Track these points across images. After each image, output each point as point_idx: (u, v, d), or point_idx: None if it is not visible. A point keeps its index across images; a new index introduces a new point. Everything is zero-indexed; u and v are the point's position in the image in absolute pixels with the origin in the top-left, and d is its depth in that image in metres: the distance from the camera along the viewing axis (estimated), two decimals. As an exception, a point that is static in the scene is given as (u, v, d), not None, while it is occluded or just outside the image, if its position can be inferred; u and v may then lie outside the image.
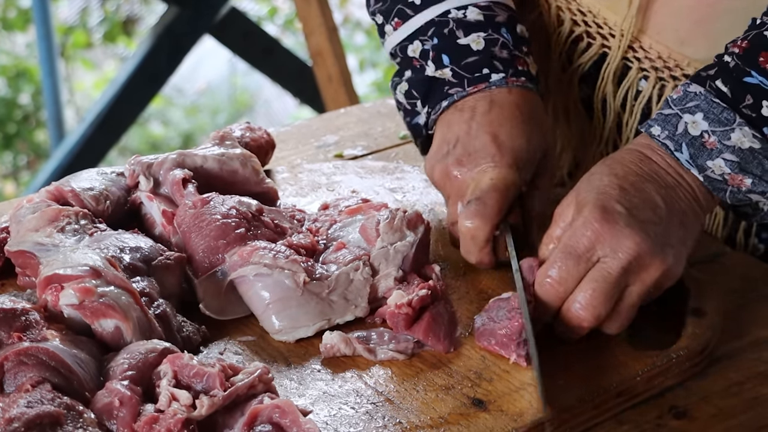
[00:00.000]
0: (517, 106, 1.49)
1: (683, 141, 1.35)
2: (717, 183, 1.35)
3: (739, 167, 1.33)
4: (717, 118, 1.34)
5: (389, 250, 1.43)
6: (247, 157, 1.58)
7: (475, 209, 1.42)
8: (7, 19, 6.04)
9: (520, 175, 1.46)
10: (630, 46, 1.58)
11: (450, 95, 1.51)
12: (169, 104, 6.30)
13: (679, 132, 1.35)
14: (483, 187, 1.43)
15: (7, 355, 1.18)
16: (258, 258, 1.38)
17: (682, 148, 1.35)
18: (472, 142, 1.47)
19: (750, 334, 1.41)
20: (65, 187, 1.48)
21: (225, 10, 4.60)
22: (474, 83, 1.51)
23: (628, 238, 1.29)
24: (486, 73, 1.51)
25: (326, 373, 1.31)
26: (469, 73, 1.51)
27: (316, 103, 4.58)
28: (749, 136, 1.33)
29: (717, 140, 1.33)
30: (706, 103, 1.34)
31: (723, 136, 1.33)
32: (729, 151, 1.33)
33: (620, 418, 1.27)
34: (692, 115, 1.35)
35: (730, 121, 1.33)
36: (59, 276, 1.29)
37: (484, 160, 1.45)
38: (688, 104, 1.36)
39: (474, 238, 1.43)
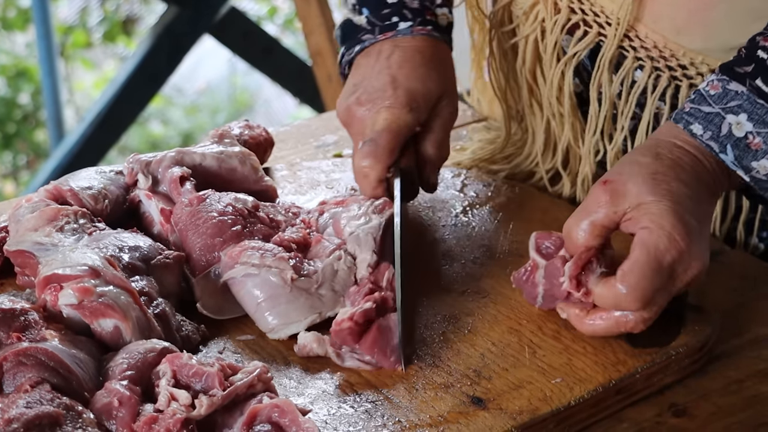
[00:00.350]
0: (418, 50, 1.57)
1: (728, 143, 1.35)
2: (763, 183, 1.36)
3: None
4: (761, 119, 1.34)
5: (359, 234, 1.43)
6: (245, 155, 1.58)
7: (368, 149, 1.49)
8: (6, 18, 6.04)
9: (414, 115, 1.52)
10: (626, 35, 1.58)
11: (362, 41, 1.60)
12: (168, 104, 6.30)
13: (723, 134, 1.35)
14: (377, 128, 1.50)
15: (6, 356, 1.18)
16: (246, 258, 1.38)
17: (726, 150, 1.35)
18: (372, 83, 1.54)
19: (749, 332, 1.41)
20: (64, 186, 1.48)
21: (225, 10, 4.60)
22: (383, 31, 1.59)
23: (699, 259, 1.30)
24: (395, 21, 1.59)
25: (325, 372, 1.31)
26: (380, 22, 1.59)
27: (315, 103, 4.57)
28: None
29: (762, 141, 1.34)
30: (749, 103, 1.34)
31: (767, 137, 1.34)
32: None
33: (619, 416, 1.27)
34: (736, 116, 1.35)
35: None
36: (58, 276, 1.29)
37: (380, 101, 1.52)
38: (730, 103, 1.35)
39: (366, 176, 1.50)
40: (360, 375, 1.30)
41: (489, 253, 1.53)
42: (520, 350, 1.33)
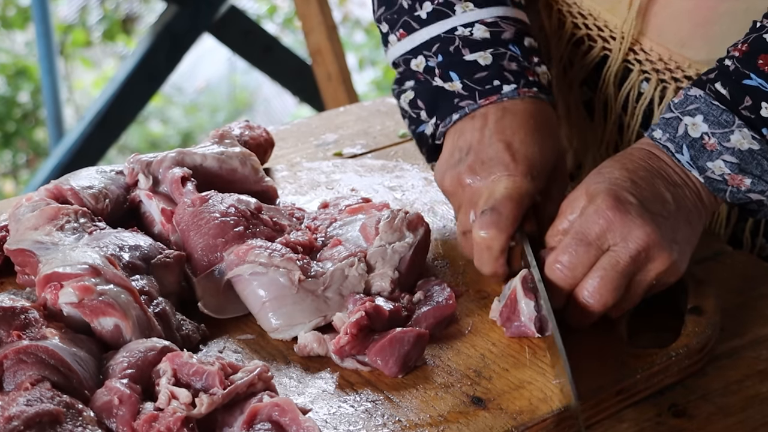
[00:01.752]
0: (530, 114, 1.47)
1: (684, 143, 1.36)
2: (717, 183, 1.36)
3: (738, 168, 1.34)
4: (717, 120, 1.34)
5: (387, 249, 1.43)
6: (246, 156, 1.58)
7: (490, 219, 1.39)
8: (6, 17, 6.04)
9: (535, 184, 1.43)
10: (631, 49, 1.58)
11: (461, 108, 1.49)
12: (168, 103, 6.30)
13: (680, 134, 1.36)
14: (497, 196, 1.40)
15: (6, 354, 1.18)
16: (253, 257, 1.38)
17: (682, 150, 1.36)
18: (485, 150, 1.45)
19: (749, 332, 1.41)
20: (64, 185, 1.48)
21: (224, 9, 4.60)
22: (485, 95, 1.48)
23: (639, 227, 1.30)
24: (497, 84, 1.48)
25: (325, 371, 1.31)
26: (479, 86, 1.49)
27: (315, 102, 4.57)
28: (748, 137, 1.33)
29: (717, 142, 1.34)
30: (705, 105, 1.35)
31: (722, 137, 1.34)
32: (729, 153, 1.34)
33: (620, 417, 1.27)
34: (692, 118, 1.36)
35: (729, 123, 1.34)
36: (58, 274, 1.29)
37: (497, 169, 1.43)
38: (689, 107, 1.36)
39: (489, 248, 1.40)
40: (360, 375, 1.30)
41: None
42: (520, 350, 1.33)
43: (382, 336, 1.30)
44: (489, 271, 1.42)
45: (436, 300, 1.38)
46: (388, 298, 1.37)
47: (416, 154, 1.85)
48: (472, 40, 1.50)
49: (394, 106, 2.01)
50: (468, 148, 1.46)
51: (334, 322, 1.34)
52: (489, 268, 1.42)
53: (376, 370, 1.30)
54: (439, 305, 1.37)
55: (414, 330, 1.31)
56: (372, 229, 1.45)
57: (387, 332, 1.31)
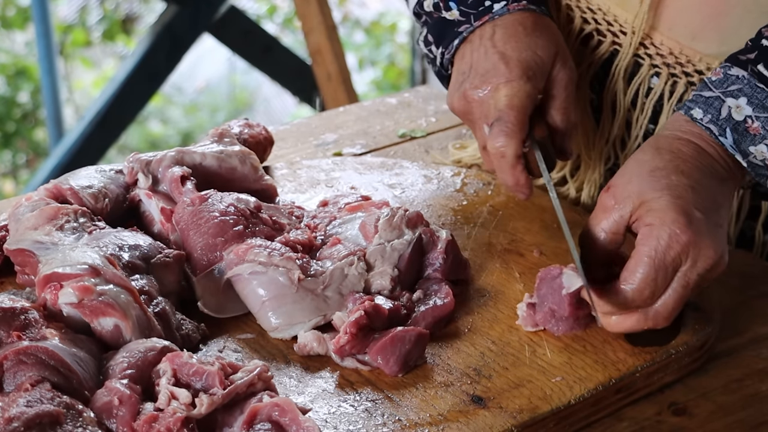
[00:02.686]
0: (519, 22, 1.53)
1: (727, 126, 1.35)
2: (759, 169, 1.35)
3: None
4: (761, 103, 1.34)
5: (386, 247, 1.43)
6: (245, 154, 1.58)
7: (498, 129, 1.45)
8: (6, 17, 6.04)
9: (532, 84, 1.48)
10: (641, 43, 1.58)
11: (460, 33, 1.56)
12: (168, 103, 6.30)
13: (723, 117, 1.35)
14: (500, 106, 1.46)
15: (6, 354, 1.18)
16: (253, 256, 1.38)
17: (726, 133, 1.35)
18: (482, 64, 1.50)
19: (749, 331, 1.41)
20: (64, 185, 1.48)
21: (224, 9, 4.60)
22: (479, 17, 1.55)
23: (708, 248, 1.29)
24: (488, 5, 1.55)
25: (325, 370, 1.31)
26: (473, 9, 1.55)
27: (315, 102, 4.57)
28: None
29: (761, 126, 1.34)
30: (749, 87, 1.35)
31: (767, 122, 1.34)
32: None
33: (619, 415, 1.27)
34: (735, 99, 1.35)
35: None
36: (58, 274, 1.29)
37: (495, 78, 1.48)
38: (731, 87, 1.36)
39: (504, 156, 1.45)
40: (360, 374, 1.30)
41: (489, 252, 1.53)
42: (520, 349, 1.33)
43: (383, 335, 1.30)
44: (511, 181, 1.47)
45: (435, 299, 1.38)
46: (388, 296, 1.37)
47: (416, 154, 1.85)
48: None
49: (394, 106, 2.02)
50: (468, 68, 1.52)
51: (334, 321, 1.34)
52: (510, 176, 1.47)
53: (376, 369, 1.30)
54: (438, 304, 1.37)
55: (415, 329, 1.31)
56: (371, 227, 1.45)
57: (387, 331, 1.31)
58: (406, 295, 1.39)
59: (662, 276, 1.29)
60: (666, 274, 1.29)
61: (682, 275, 1.29)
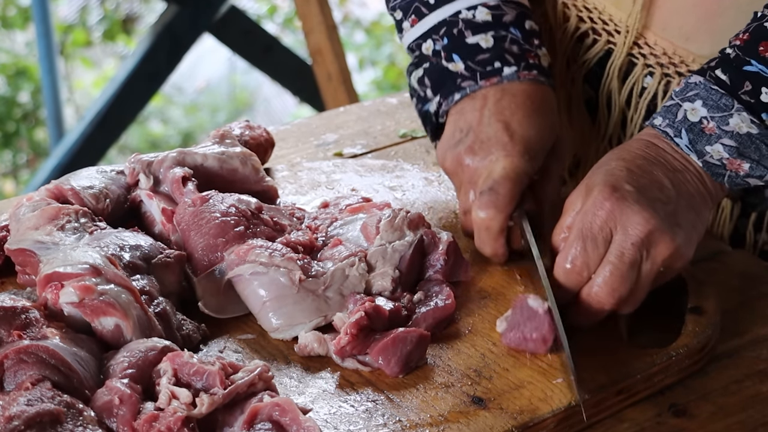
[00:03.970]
0: (527, 95, 1.50)
1: (682, 127, 1.36)
2: (716, 168, 1.36)
3: (737, 152, 1.34)
4: (716, 104, 1.35)
5: (387, 248, 1.43)
6: (246, 156, 1.59)
7: (488, 199, 1.43)
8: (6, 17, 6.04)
9: (532, 164, 1.47)
10: (635, 42, 1.59)
11: (462, 88, 1.52)
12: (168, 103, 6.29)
13: (679, 119, 1.37)
14: (495, 176, 1.44)
15: (7, 354, 1.18)
16: (254, 256, 1.38)
17: (681, 134, 1.36)
18: (484, 129, 1.48)
19: (749, 332, 1.41)
20: (65, 185, 1.48)
21: (224, 9, 4.60)
22: (486, 77, 1.52)
23: (637, 214, 1.30)
24: (498, 66, 1.52)
25: (326, 371, 1.31)
26: (481, 68, 1.52)
27: (315, 102, 4.57)
28: (747, 121, 1.34)
29: (716, 126, 1.34)
30: (705, 90, 1.36)
31: (721, 121, 1.34)
32: (727, 136, 1.34)
33: (620, 416, 1.28)
34: (692, 103, 1.36)
35: (728, 107, 1.34)
36: (59, 274, 1.29)
37: (495, 149, 1.46)
38: (688, 93, 1.37)
39: (488, 228, 1.44)
40: (360, 374, 1.30)
41: (489, 252, 1.53)
42: (521, 350, 1.33)
43: (384, 336, 1.30)
44: (489, 252, 1.46)
45: (436, 300, 1.39)
46: (389, 297, 1.37)
47: (416, 154, 1.85)
48: (475, 22, 1.54)
49: (394, 106, 2.01)
50: (468, 128, 1.50)
51: (335, 322, 1.35)
52: (489, 248, 1.45)
53: (376, 370, 1.30)
54: (439, 306, 1.37)
55: (416, 330, 1.31)
56: (373, 228, 1.45)
57: (389, 332, 1.31)
58: (407, 297, 1.39)
59: (591, 246, 1.31)
60: (596, 244, 1.30)
61: (616, 246, 1.30)
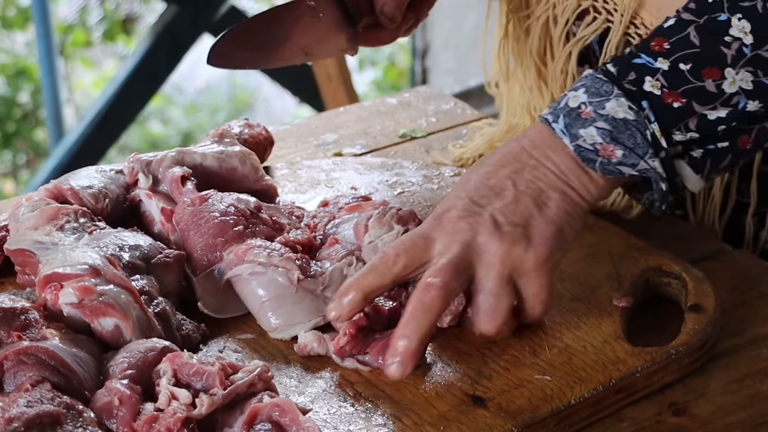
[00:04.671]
0: None
1: (561, 113, 1.35)
2: (588, 153, 1.33)
3: (610, 136, 1.33)
4: (597, 91, 1.35)
5: (377, 243, 1.43)
6: (246, 155, 1.58)
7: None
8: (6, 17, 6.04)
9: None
10: (632, 22, 1.59)
11: None
12: (168, 103, 6.29)
13: (560, 106, 1.36)
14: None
15: (6, 355, 1.18)
16: (253, 256, 1.38)
17: (558, 120, 1.35)
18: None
19: (749, 331, 1.41)
20: (64, 185, 1.48)
21: (224, 9, 4.60)
22: None
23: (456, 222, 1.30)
24: None
25: (326, 371, 1.31)
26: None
27: (315, 102, 4.57)
28: (624, 106, 1.33)
29: (593, 110, 1.34)
30: (590, 80, 1.36)
31: (598, 105, 1.34)
32: (602, 120, 1.33)
33: (619, 416, 1.27)
34: (575, 92, 1.36)
35: (608, 92, 1.34)
36: (59, 275, 1.29)
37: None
38: (576, 84, 1.37)
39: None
40: (360, 374, 1.30)
41: (489, 252, 1.53)
42: (521, 349, 1.33)
43: (383, 335, 1.30)
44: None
45: None
46: (387, 296, 1.37)
47: (416, 153, 1.85)
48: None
49: (394, 106, 2.01)
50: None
51: (334, 322, 1.35)
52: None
53: (376, 370, 1.30)
54: None
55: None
56: (362, 226, 1.46)
57: (388, 331, 1.30)
58: (404, 294, 1.39)
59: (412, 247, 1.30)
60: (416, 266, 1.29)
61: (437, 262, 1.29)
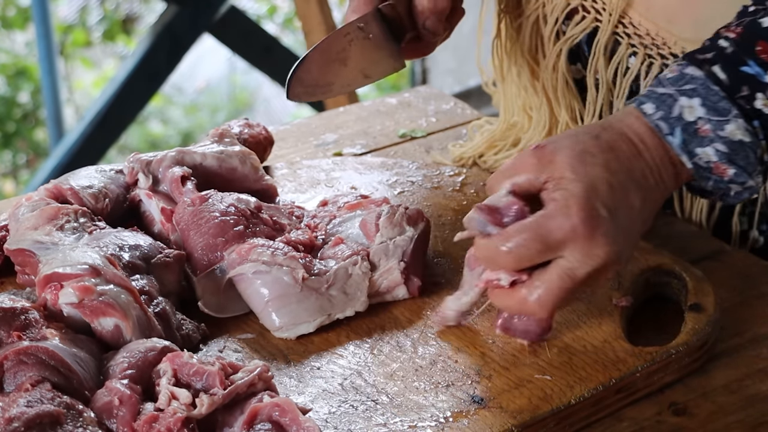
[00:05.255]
0: None
1: (678, 126, 1.32)
2: (703, 171, 1.33)
3: (727, 158, 1.31)
4: (714, 106, 1.31)
5: (389, 245, 1.43)
6: (246, 155, 1.58)
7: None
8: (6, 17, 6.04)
9: None
10: (620, 22, 1.60)
11: None
12: (168, 103, 6.29)
13: (674, 115, 1.32)
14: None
15: (6, 355, 1.18)
16: (256, 255, 1.38)
17: (675, 132, 1.32)
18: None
19: (749, 331, 1.41)
20: (64, 185, 1.48)
21: (224, 9, 4.60)
22: None
23: (602, 248, 1.25)
24: None
25: (326, 370, 1.31)
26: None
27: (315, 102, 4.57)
28: (742, 129, 1.31)
29: (711, 129, 1.31)
30: (704, 88, 1.32)
31: (717, 126, 1.31)
32: (720, 142, 1.31)
33: (619, 415, 1.27)
34: (689, 99, 1.32)
35: (726, 111, 1.31)
36: (59, 274, 1.29)
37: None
38: (685, 86, 1.33)
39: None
40: (360, 374, 1.30)
41: (489, 251, 1.53)
42: (521, 349, 1.33)
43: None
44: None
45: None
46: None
47: (416, 153, 1.85)
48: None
49: (394, 106, 2.01)
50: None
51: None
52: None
53: (376, 368, 1.30)
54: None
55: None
56: (372, 225, 1.46)
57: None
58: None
59: (537, 249, 1.25)
60: (542, 249, 1.25)
61: (566, 268, 1.25)
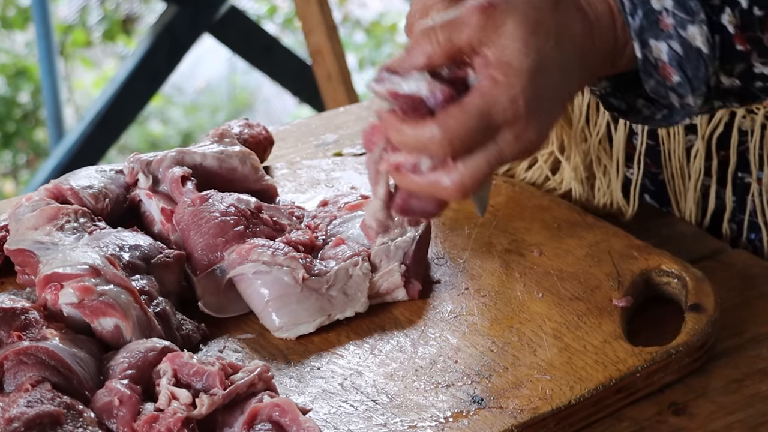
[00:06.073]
0: None
1: (641, 8, 1.21)
2: (648, 66, 1.22)
3: (677, 61, 1.21)
4: (683, 2, 1.20)
5: (390, 246, 1.43)
6: (246, 155, 1.59)
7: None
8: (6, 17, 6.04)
9: None
10: None
11: None
12: (168, 103, 6.30)
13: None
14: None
15: (6, 355, 1.18)
16: (256, 255, 1.38)
17: (636, 14, 1.21)
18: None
19: (749, 331, 1.41)
20: (64, 185, 1.48)
21: (224, 9, 4.60)
22: None
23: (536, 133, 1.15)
24: None
25: (326, 370, 1.31)
26: None
27: (315, 102, 4.58)
28: (703, 36, 1.20)
29: (673, 24, 1.20)
30: None
31: (680, 23, 1.20)
32: (678, 42, 1.20)
33: (619, 415, 1.28)
34: None
35: (693, 12, 1.20)
36: (59, 275, 1.29)
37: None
38: None
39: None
40: (361, 374, 1.30)
41: (489, 252, 1.53)
42: (521, 349, 1.34)
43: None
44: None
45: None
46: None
47: (416, 153, 1.85)
48: None
49: (394, 105, 2.01)
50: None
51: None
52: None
53: (376, 368, 1.30)
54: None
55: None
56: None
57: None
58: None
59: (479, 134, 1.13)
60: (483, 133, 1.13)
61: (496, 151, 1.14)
